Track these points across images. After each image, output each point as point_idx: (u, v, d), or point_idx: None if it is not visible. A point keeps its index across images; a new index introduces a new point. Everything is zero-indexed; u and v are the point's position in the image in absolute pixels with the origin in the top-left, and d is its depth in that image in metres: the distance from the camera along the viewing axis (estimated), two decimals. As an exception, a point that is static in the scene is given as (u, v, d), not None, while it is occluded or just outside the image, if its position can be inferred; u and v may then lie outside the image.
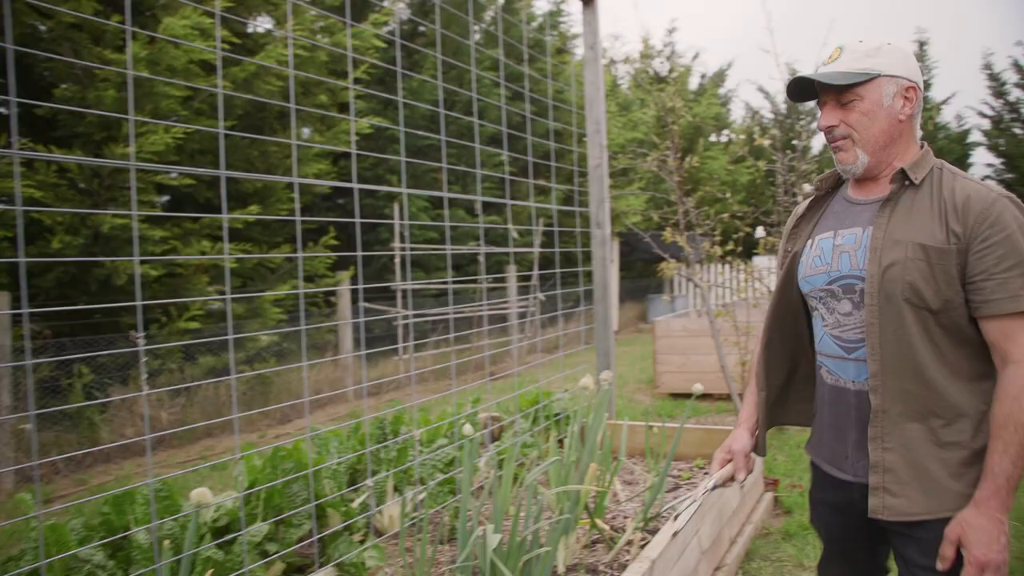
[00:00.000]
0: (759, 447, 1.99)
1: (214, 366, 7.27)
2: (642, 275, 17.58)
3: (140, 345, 2.09)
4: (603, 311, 4.79)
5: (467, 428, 2.74)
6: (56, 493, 4.97)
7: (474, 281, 8.89)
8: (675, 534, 2.00)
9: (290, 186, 7.51)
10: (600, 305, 4.79)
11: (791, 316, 1.91)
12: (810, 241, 1.84)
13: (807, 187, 6.09)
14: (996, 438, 1.56)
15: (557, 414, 4.52)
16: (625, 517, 3.65)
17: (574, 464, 2.88)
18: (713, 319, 6.03)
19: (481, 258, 7.14)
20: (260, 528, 2.62)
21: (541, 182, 7.21)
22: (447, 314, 8.57)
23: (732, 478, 1.94)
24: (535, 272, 9.98)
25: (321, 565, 2.92)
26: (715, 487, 1.91)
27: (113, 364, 6.10)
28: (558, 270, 4.88)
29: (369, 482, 3.05)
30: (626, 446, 3.53)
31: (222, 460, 3.26)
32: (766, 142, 5.92)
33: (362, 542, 3.05)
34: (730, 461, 1.95)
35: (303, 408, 7.26)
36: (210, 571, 2.39)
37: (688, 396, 7.57)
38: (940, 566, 1.62)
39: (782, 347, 1.95)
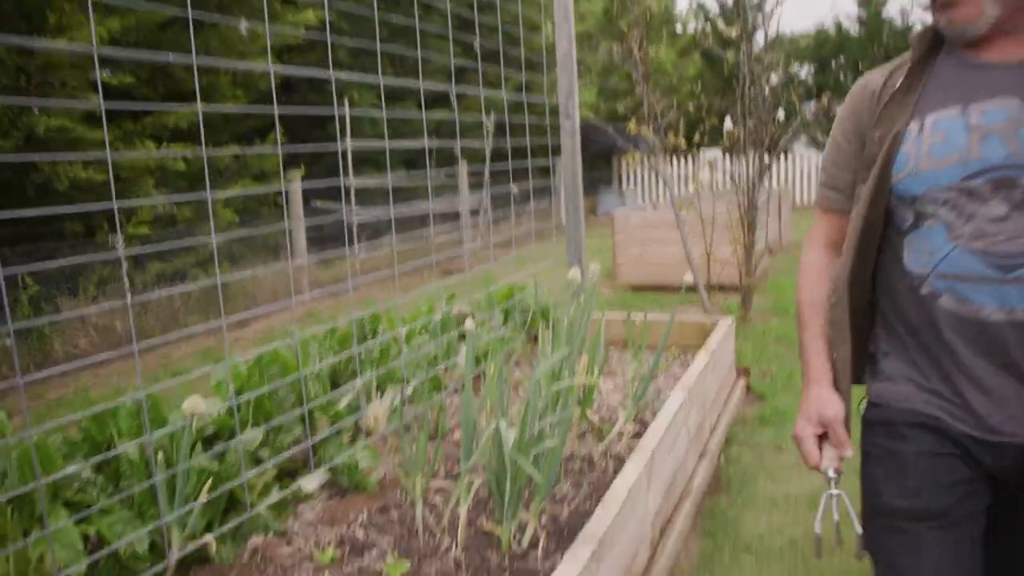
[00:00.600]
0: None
1: (163, 272, 7.03)
2: (592, 168, 17.43)
3: (120, 250, 1.94)
4: (574, 203, 4.71)
5: (469, 323, 2.66)
6: (14, 408, 4.80)
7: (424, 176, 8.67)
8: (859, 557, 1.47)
9: (235, 83, 7.12)
10: (571, 198, 4.71)
11: (875, 234, 1.45)
12: (916, 123, 1.37)
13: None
14: None
15: (537, 309, 4.48)
16: (609, 408, 3.66)
17: (566, 358, 2.85)
18: (678, 210, 5.99)
19: (428, 153, 6.92)
20: (254, 436, 2.54)
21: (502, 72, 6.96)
22: (398, 213, 8.39)
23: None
24: (487, 167, 9.77)
25: (314, 468, 2.87)
26: (837, 476, 1.44)
27: (60, 274, 5.83)
28: (532, 163, 4.74)
29: (358, 382, 2.98)
30: (604, 338, 3.50)
31: (210, 367, 3.13)
32: (733, 33, 5.77)
33: (351, 444, 2.99)
34: (824, 435, 1.47)
35: (254, 311, 7.11)
36: (207, 480, 2.30)
37: (649, 289, 7.62)
38: None
39: (866, 278, 1.49)
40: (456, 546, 2.43)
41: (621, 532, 2.33)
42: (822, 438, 1.47)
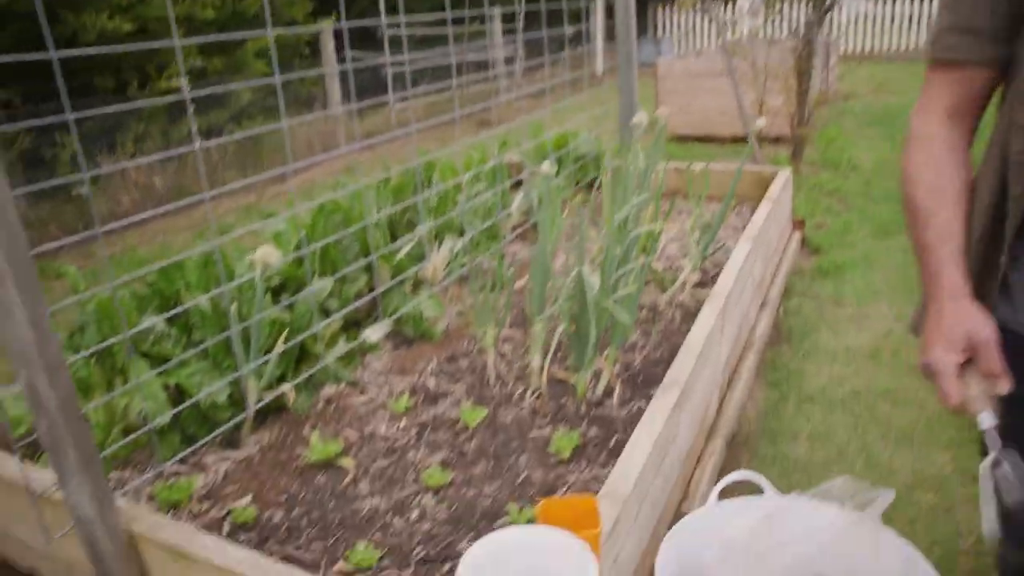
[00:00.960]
0: None
1: (198, 127, 6.89)
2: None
3: (184, 91, 1.83)
4: (626, 49, 4.48)
5: (545, 166, 2.55)
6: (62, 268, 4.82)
7: (463, 21, 8.30)
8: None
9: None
10: (623, 43, 4.47)
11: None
12: None
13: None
14: None
15: (582, 156, 4.34)
16: (669, 258, 3.59)
17: (639, 206, 2.74)
18: (730, 56, 5.70)
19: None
20: (324, 285, 2.50)
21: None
22: (443, 59, 8.10)
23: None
24: (520, 9, 9.34)
25: (379, 319, 2.85)
26: (994, 422, 1.02)
27: (98, 129, 5.73)
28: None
29: (421, 229, 2.91)
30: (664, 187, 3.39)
31: (272, 214, 3.06)
32: None
33: (414, 295, 2.96)
34: (968, 360, 1.05)
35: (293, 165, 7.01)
36: (282, 331, 2.29)
37: (693, 140, 7.39)
38: None
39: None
40: (531, 393, 2.42)
41: (698, 379, 2.31)
42: (968, 359, 1.05)
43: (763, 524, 1.07)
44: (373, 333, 2.84)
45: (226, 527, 1.92)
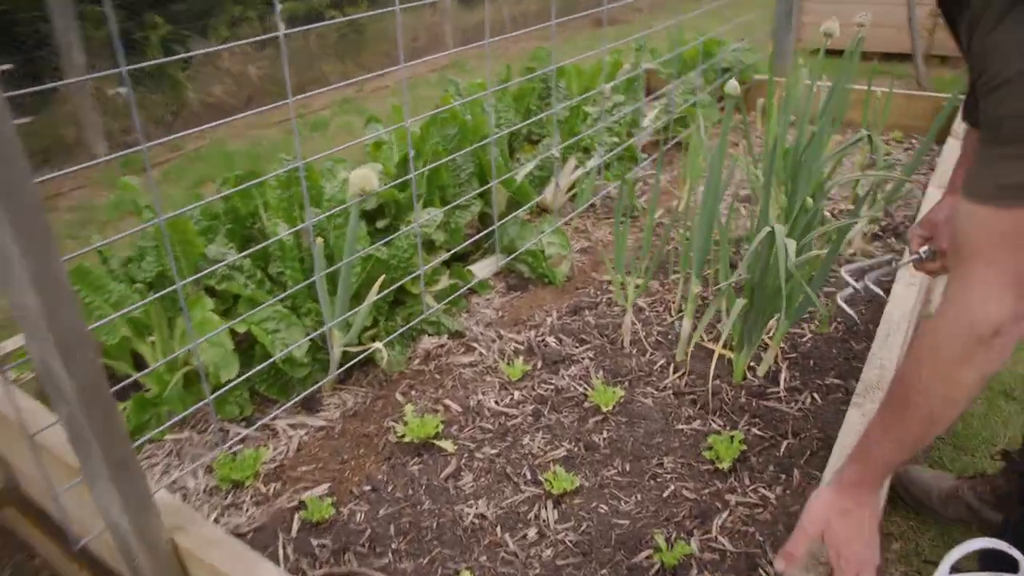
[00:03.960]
0: None
1: (294, 12, 6.42)
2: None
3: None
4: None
5: (732, 84, 2.00)
6: (153, 160, 4.51)
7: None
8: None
9: None
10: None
11: None
12: None
13: None
14: None
15: (726, 68, 3.70)
16: (833, 201, 3.00)
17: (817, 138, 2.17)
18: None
19: None
20: (434, 216, 2.04)
21: None
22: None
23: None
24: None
25: (491, 252, 2.39)
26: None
27: (189, 13, 5.33)
28: None
29: (555, 151, 2.41)
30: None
31: (375, 120, 2.59)
32: None
33: (533, 226, 2.48)
34: (929, 239, 1.50)
35: (397, 58, 6.51)
36: (379, 275, 1.86)
37: (838, 55, 6.52)
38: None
39: None
40: (675, 368, 1.95)
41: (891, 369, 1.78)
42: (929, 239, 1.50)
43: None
44: (483, 270, 2.40)
45: (295, 524, 1.54)
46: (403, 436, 1.72)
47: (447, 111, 2.33)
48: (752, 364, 1.95)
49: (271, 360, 1.69)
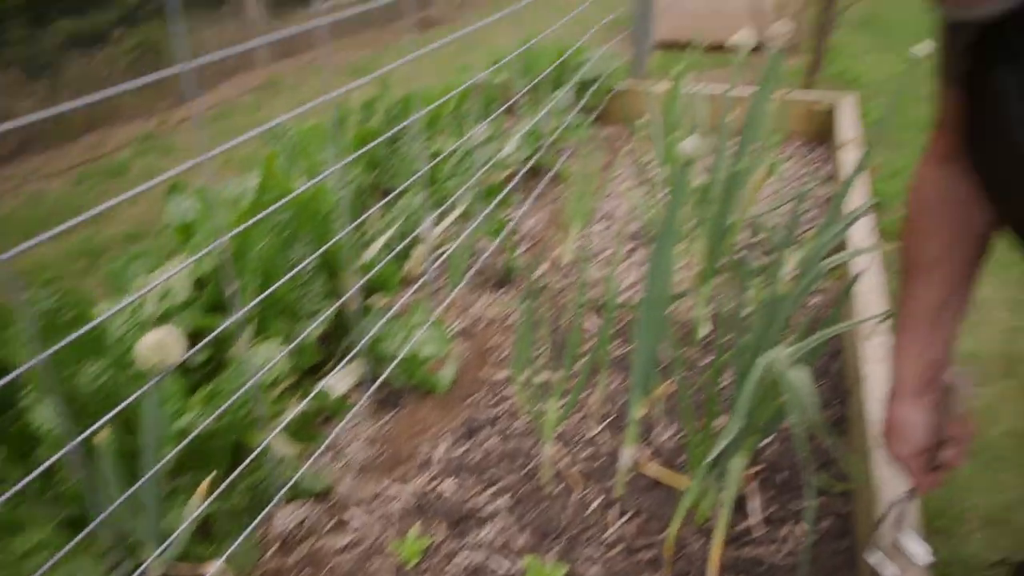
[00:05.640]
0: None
1: (72, 32, 5.49)
2: None
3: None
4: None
5: (688, 143, 1.54)
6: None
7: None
8: None
9: None
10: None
11: None
12: None
13: None
14: None
15: (592, 80, 3.28)
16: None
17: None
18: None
19: None
20: (268, 355, 1.47)
21: None
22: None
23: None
24: None
25: (349, 353, 1.84)
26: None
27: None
28: None
29: (426, 216, 1.88)
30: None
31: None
32: None
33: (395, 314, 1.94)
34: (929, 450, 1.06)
35: (205, 82, 5.70)
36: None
37: (678, 47, 6.30)
38: None
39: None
40: (621, 512, 1.49)
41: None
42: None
43: None
44: (342, 382, 1.86)
45: None
46: None
47: (272, 181, 1.74)
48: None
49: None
